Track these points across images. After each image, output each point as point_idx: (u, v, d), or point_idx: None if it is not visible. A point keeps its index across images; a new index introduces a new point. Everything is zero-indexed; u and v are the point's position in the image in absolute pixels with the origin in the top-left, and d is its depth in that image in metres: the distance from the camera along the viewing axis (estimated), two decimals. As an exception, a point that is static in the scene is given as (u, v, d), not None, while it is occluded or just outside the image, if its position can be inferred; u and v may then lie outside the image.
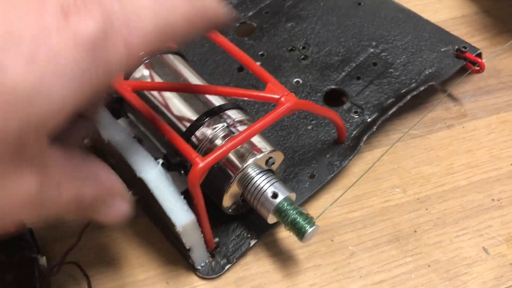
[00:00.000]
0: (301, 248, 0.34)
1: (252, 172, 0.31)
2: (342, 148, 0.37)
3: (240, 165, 0.30)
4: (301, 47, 0.43)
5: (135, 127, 0.36)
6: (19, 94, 0.17)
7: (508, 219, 0.35)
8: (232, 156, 0.30)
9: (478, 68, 0.41)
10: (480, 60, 0.40)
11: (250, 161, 0.30)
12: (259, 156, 0.30)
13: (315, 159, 0.37)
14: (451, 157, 0.39)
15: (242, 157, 0.30)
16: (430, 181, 0.37)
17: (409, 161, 0.38)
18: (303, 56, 0.43)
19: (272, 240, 0.34)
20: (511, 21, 0.49)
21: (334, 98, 0.41)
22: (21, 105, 0.17)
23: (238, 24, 0.45)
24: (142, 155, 0.28)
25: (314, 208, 0.36)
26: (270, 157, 0.31)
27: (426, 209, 0.36)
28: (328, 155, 0.37)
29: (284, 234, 0.34)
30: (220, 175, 0.31)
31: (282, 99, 0.30)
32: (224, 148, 0.28)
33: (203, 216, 0.29)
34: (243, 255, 0.33)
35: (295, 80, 0.41)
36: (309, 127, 0.38)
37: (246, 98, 0.30)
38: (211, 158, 0.27)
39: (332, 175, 0.36)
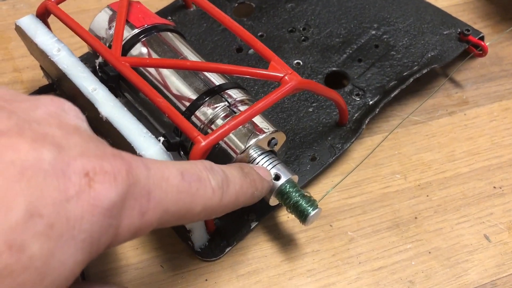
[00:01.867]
0: (300, 233, 0.33)
1: (254, 153, 0.30)
2: (344, 131, 0.36)
3: (242, 146, 0.29)
4: (301, 28, 0.42)
5: (132, 107, 0.35)
6: (34, 266, 0.17)
7: (510, 206, 0.35)
8: (233, 136, 0.29)
9: (480, 51, 0.40)
10: (483, 43, 0.40)
11: (252, 141, 0.29)
12: (261, 136, 0.29)
13: (316, 142, 0.36)
14: (452, 144, 0.38)
15: (244, 138, 0.29)
16: (431, 167, 0.37)
17: (410, 147, 0.38)
18: (303, 37, 0.42)
19: (271, 224, 0.34)
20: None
21: (335, 81, 0.40)
22: (36, 276, 0.17)
23: (236, 4, 0.44)
24: (142, 132, 0.27)
25: (313, 192, 0.34)
26: (273, 138, 0.30)
27: (427, 196, 0.35)
28: (329, 138, 0.36)
29: (283, 218, 0.34)
30: (221, 156, 0.30)
31: (286, 77, 0.29)
32: (227, 127, 0.27)
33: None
34: (243, 237, 0.32)
35: (296, 61, 0.40)
36: (310, 110, 0.37)
37: (248, 76, 0.29)
38: (213, 136, 0.26)
39: (333, 157, 0.35)
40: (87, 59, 0.39)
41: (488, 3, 0.48)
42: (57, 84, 0.37)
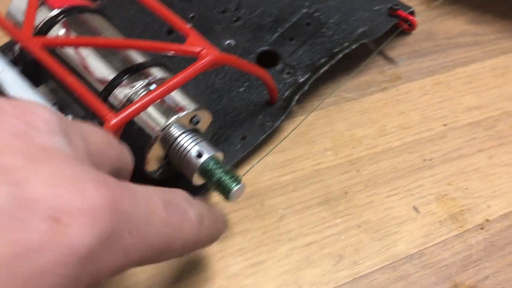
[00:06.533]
0: (231, 213, 0.33)
1: (175, 131, 0.29)
2: (274, 109, 0.36)
3: (161, 124, 0.28)
4: (233, 9, 0.42)
5: (56, 94, 0.34)
6: None
7: (439, 178, 0.35)
8: (152, 114, 0.29)
9: (409, 25, 0.41)
10: (411, 17, 0.40)
11: (172, 119, 0.28)
12: (181, 114, 0.29)
13: (247, 121, 0.35)
14: (384, 119, 0.38)
15: (163, 116, 0.29)
16: (362, 143, 0.37)
17: (342, 124, 0.38)
18: (235, 17, 0.41)
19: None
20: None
21: (268, 60, 0.39)
22: None
23: (168, -15, 0.43)
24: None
25: (244, 171, 0.34)
26: (195, 116, 0.30)
27: (358, 171, 0.35)
28: (260, 116, 0.36)
29: (216, 200, 0.33)
30: (140, 136, 0.29)
31: (203, 52, 0.28)
32: (139, 103, 0.26)
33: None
34: (169, 221, 0.32)
35: (227, 42, 0.40)
36: (241, 89, 0.37)
37: (164, 52, 0.29)
38: (124, 114, 0.25)
39: (264, 135, 0.35)
40: (10, 49, 0.38)
41: (422, -20, 0.49)
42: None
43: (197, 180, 0.29)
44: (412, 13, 0.41)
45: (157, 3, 0.31)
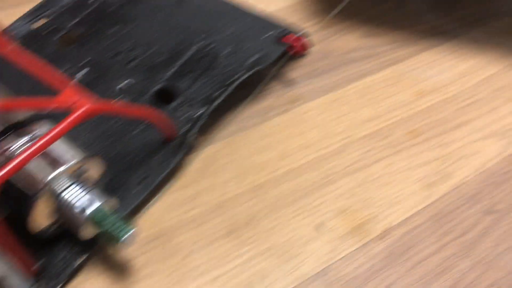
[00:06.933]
0: (137, 258, 0.32)
1: (58, 186, 0.28)
2: (173, 146, 0.36)
3: (40, 183, 0.28)
4: (128, 50, 0.42)
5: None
6: None
7: (339, 192, 0.36)
8: (30, 173, 0.28)
9: (298, 49, 0.42)
10: (297, 42, 0.41)
11: (52, 175, 0.28)
12: (62, 168, 0.28)
13: (145, 162, 0.35)
14: (285, 142, 0.39)
15: (43, 172, 0.28)
16: (265, 168, 0.37)
17: (245, 151, 0.38)
18: (131, 58, 0.41)
19: (107, 254, 0.32)
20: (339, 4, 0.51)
21: (167, 97, 0.39)
22: None
23: (60, 36, 0.43)
24: None
25: (150, 213, 0.34)
26: (80, 166, 0.29)
27: (262, 196, 0.35)
28: (158, 155, 0.36)
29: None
30: (20, 197, 0.28)
31: (76, 104, 0.28)
32: (10, 166, 0.25)
33: (5, 241, 0.27)
34: (72, 275, 0.31)
35: (123, 83, 0.40)
36: (138, 131, 0.37)
37: (32, 108, 0.28)
38: (-5, 177, 0.25)
39: (163, 174, 0.35)
40: None
41: (316, 2, 0.51)
42: None
43: (86, 235, 0.29)
44: (304, 35, 0.42)
45: (30, 60, 0.31)
